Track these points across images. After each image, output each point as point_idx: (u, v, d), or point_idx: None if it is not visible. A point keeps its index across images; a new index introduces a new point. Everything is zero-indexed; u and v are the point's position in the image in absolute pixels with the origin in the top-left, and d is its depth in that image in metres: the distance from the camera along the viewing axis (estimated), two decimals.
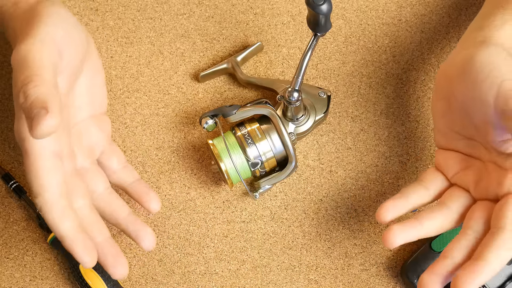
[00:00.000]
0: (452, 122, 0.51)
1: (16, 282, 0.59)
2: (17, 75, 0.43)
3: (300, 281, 0.59)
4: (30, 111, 0.41)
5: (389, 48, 0.65)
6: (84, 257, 0.46)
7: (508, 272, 0.58)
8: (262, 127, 0.57)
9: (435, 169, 0.53)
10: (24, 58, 0.44)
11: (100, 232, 0.50)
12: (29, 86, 0.42)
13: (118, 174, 0.56)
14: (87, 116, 0.54)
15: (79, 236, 0.46)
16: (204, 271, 0.59)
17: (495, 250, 0.44)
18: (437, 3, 0.67)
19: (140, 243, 0.53)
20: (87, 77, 0.52)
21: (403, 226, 0.48)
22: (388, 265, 0.59)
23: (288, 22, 0.66)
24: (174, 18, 0.66)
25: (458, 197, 0.50)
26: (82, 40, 0.51)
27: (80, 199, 0.50)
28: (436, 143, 0.54)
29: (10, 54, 0.65)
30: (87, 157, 0.54)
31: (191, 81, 0.64)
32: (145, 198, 0.55)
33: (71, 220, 0.46)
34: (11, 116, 0.63)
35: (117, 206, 0.54)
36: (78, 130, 0.53)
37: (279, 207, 0.61)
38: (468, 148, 0.51)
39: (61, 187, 0.45)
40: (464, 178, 0.50)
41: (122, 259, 0.50)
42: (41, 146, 0.45)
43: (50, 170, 0.45)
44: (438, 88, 0.52)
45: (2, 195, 0.61)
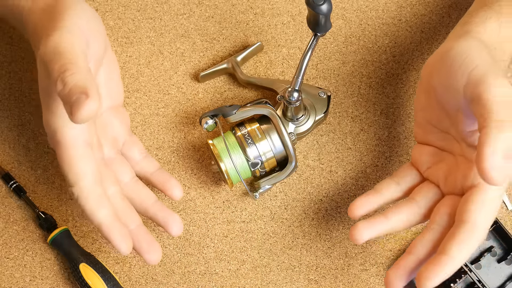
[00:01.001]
0: (430, 114, 0.51)
1: (16, 282, 0.59)
2: (51, 65, 0.44)
3: (300, 281, 0.59)
4: (69, 97, 0.41)
5: (389, 48, 0.65)
6: (121, 244, 0.47)
7: (508, 272, 0.58)
8: (262, 127, 0.57)
9: (410, 164, 0.54)
10: (56, 49, 0.44)
11: (133, 219, 0.51)
12: (66, 73, 0.43)
13: (140, 164, 0.56)
14: (108, 107, 0.55)
15: (115, 224, 0.47)
16: (204, 271, 0.59)
17: (458, 244, 0.44)
18: (437, 3, 0.67)
19: (169, 229, 0.54)
20: (105, 68, 0.53)
21: (369, 222, 0.49)
22: (388, 265, 0.59)
23: (288, 22, 0.66)
24: (174, 18, 0.66)
25: (427, 192, 0.51)
26: (102, 31, 0.52)
27: (111, 186, 0.51)
28: (415, 136, 0.55)
29: (10, 54, 0.65)
30: (112, 147, 0.55)
31: (191, 81, 0.64)
32: (168, 186, 0.56)
33: (107, 208, 0.47)
34: (11, 116, 0.63)
35: (144, 194, 0.55)
36: (102, 121, 0.54)
37: (279, 207, 0.61)
38: (442, 142, 0.51)
39: (96, 175, 0.46)
40: (435, 173, 0.51)
41: (156, 245, 0.51)
42: (73, 136, 0.46)
43: (84, 159, 0.46)
44: (420, 82, 0.53)
45: (2, 195, 0.61)
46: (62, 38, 0.45)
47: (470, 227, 0.44)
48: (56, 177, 0.62)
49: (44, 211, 0.60)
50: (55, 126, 0.46)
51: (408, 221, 0.50)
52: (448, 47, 0.49)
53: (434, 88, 0.50)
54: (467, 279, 0.57)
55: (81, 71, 0.43)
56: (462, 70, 0.46)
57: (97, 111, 0.42)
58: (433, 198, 0.50)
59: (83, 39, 0.47)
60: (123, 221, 0.49)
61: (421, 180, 0.53)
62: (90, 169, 0.46)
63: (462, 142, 0.49)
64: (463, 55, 0.46)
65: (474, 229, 0.44)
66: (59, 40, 0.45)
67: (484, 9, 0.51)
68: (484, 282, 0.56)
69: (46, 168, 0.62)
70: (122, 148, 0.56)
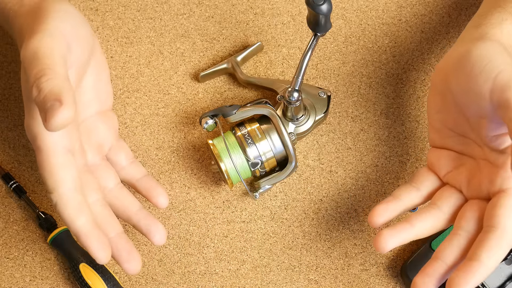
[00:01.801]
0: (446, 118, 0.51)
1: (16, 282, 0.59)
2: (29, 70, 0.43)
3: (300, 281, 0.59)
4: (44, 104, 0.41)
5: (389, 48, 0.65)
6: (99, 253, 0.46)
7: (508, 272, 0.58)
8: (262, 127, 0.57)
9: (427, 168, 0.53)
10: (35, 53, 0.44)
11: (113, 227, 0.50)
12: (42, 79, 0.42)
13: (126, 170, 0.55)
14: (94, 112, 0.54)
15: (94, 232, 0.46)
16: (204, 271, 0.59)
17: (489, 249, 0.43)
18: (437, 3, 0.67)
19: (151, 238, 0.52)
20: (93, 73, 0.52)
21: (393, 230, 0.48)
22: (388, 265, 0.59)
23: (288, 22, 0.66)
24: (174, 18, 0.66)
25: (449, 197, 0.50)
26: (88, 35, 0.51)
27: (93, 194, 0.50)
28: (430, 141, 0.54)
29: (10, 54, 0.65)
30: (96, 153, 0.54)
31: (191, 81, 0.64)
32: (153, 193, 0.55)
33: (87, 215, 0.46)
34: (11, 116, 0.63)
35: (128, 201, 0.54)
36: (87, 126, 0.53)
37: (279, 207, 0.61)
38: (461, 146, 0.50)
39: (76, 182, 0.45)
40: (456, 177, 0.50)
41: (136, 254, 0.50)
42: (53, 142, 0.45)
43: (64, 165, 0.45)
44: (434, 85, 0.52)
45: (2, 195, 0.61)
46: (41, 42, 0.44)
47: (500, 233, 0.44)
48: None
49: (44, 211, 0.60)
50: (35, 131, 0.46)
51: (432, 227, 0.49)
52: (465, 50, 0.48)
53: (452, 92, 0.49)
54: None
55: (57, 77, 0.42)
56: (485, 75, 0.45)
57: (71, 119, 0.41)
58: (455, 202, 0.49)
59: (64, 43, 0.46)
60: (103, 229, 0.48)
61: (440, 185, 0.51)
62: (69, 176, 0.45)
63: (485, 147, 0.48)
64: (485, 59, 0.45)
65: (504, 234, 0.44)
66: (38, 44, 0.44)
67: (498, 10, 0.50)
68: (484, 282, 0.56)
69: None
70: (108, 153, 0.55)
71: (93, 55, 0.52)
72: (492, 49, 0.47)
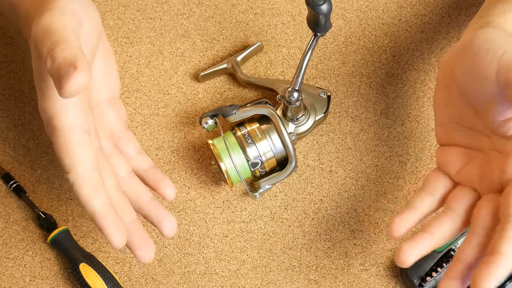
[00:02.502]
0: (453, 112, 0.50)
1: (16, 282, 0.59)
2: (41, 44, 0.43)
3: (300, 281, 0.59)
4: (58, 71, 0.40)
5: (389, 48, 0.65)
6: (115, 235, 0.44)
7: None
8: (262, 127, 0.57)
9: (437, 170, 0.52)
10: (47, 28, 0.43)
11: (128, 213, 0.49)
12: (56, 50, 0.41)
13: (134, 161, 0.54)
14: (105, 99, 0.53)
15: (110, 214, 0.44)
16: (204, 271, 0.59)
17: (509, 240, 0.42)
18: (437, 3, 0.67)
19: (162, 228, 0.51)
20: (101, 58, 0.51)
21: (414, 242, 0.47)
22: (388, 265, 0.59)
23: (288, 22, 0.66)
24: (174, 18, 0.66)
25: (462, 197, 0.49)
26: (96, 16, 0.50)
27: (108, 178, 0.49)
28: (437, 138, 0.53)
29: (10, 54, 0.65)
30: (109, 140, 0.53)
31: (191, 81, 0.64)
32: (161, 185, 0.53)
33: (104, 196, 0.44)
34: (11, 116, 0.63)
35: (140, 190, 0.52)
36: (99, 111, 0.52)
37: (279, 207, 0.61)
38: (469, 139, 0.50)
39: (93, 162, 0.44)
40: (467, 174, 0.49)
41: (150, 242, 0.49)
42: (70, 122, 0.44)
43: (81, 145, 0.44)
44: (439, 80, 0.51)
45: (2, 195, 0.61)
46: (53, 18, 0.44)
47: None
48: (56, 177, 0.62)
49: (44, 211, 0.60)
50: (51, 112, 0.45)
51: (450, 232, 0.48)
52: (468, 38, 0.48)
53: (457, 81, 0.48)
54: None
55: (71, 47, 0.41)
56: (490, 56, 0.45)
57: (86, 84, 0.40)
58: (469, 202, 0.48)
59: (76, 20, 0.45)
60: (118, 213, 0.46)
61: (453, 185, 0.51)
62: (87, 156, 0.44)
63: (493, 135, 0.47)
64: (489, 42, 0.45)
65: None
66: (50, 20, 0.44)
67: (501, 2, 0.50)
68: None
69: (46, 168, 0.62)
70: (117, 143, 0.54)
71: (101, 39, 0.52)
72: (496, 34, 0.47)
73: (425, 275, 0.57)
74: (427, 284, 0.57)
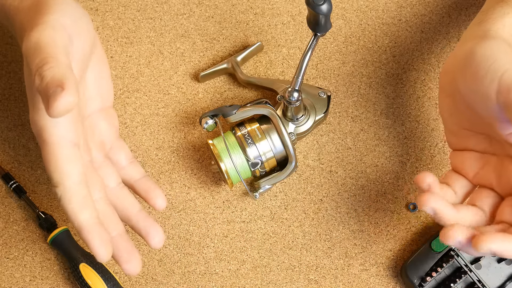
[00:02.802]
0: (461, 119, 0.50)
1: (16, 282, 0.59)
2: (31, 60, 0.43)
3: (300, 281, 0.59)
4: (46, 91, 0.41)
5: (389, 48, 0.65)
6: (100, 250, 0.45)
7: (508, 272, 0.58)
8: (262, 127, 0.57)
9: (452, 171, 0.52)
10: (36, 44, 0.44)
11: (115, 226, 0.49)
12: (44, 68, 0.42)
13: (125, 170, 0.55)
14: (97, 109, 0.53)
15: (96, 228, 0.45)
16: (204, 271, 0.59)
17: None
18: (437, 3, 0.67)
19: (150, 240, 0.51)
20: (94, 69, 0.52)
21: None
22: (388, 265, 0.59)
23: (288, 22, 0.66)
24: (174, 18, 0.66)
25: (487, 196, 0.49)
26: (89, 29, 0.50)
27: (97, 191, 0.49)
28: (449, 144, 0.53)
29: (10, 54, 0.65)
30: (99, 150, 0.53)
31: (191, 81, 0.64)
32: (151, 195, 0.54)
33: (91, 211, 0.45)
34: (11, 116, 0.63)
35: (128, 202, 0.53)
36: (90, 123, 0.53)
37: (279, 207, 0.61)
38: (482, 144, 0.50)
39: (82, 176, 0.45)
40: (485, 176, 0.50)
41: (136, 255, 0.49)
42: (60, 136, 0.45)
43: (70, 159, 0.44)
44: (442, 87, 0.51)
45: (2, 195, 0.61)
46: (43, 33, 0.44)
47: None
48: None
49: (44, 211, 0.60)
50: (41, 124, 0.45)
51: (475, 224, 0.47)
52: (469, 50, 0.48)
53: (461, 92, 0.48)
54: (467, 279, 0.57)
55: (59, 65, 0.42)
56: (490, 76, 0.45)
57: (74, 105, 0.40)
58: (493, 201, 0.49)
59: (66, 35, 0.46)
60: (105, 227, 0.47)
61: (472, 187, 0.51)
62: (75, 170, 0.44)
63: (504, 142, 0.48)
64: (489, 60, 0.45)
65: None
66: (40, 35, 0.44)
67: (500, 5, 0.50)
68: (484, 282, 0.56)
69: None
70: (108, 152, 0.54)
71: (94, 51, 0.52)
72: (496, 48, 0.46)
73: (425, 275, 0.57)
74: (427, 284, 0.57)
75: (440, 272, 0.57)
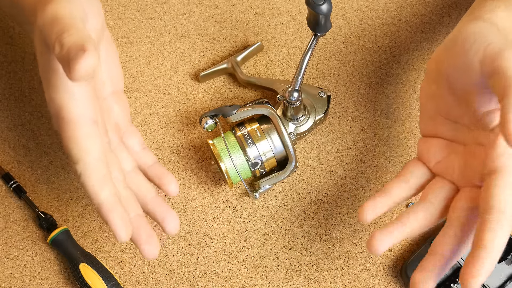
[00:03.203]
0: (440, 104, 0.50)
1: (16, 282, 0.59)
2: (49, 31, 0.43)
3: (300, 281, 0.59)
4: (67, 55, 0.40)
5: (389, 48, 0.65)
6: (120, 229, 0.44)
7: (508, 272, 0.58)
8: (262, 127, 0.57)
9: (416, 160, 0.52)
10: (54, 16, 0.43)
11: (134, 208, 0.49)
12: (64, 35, 0.41)
13: (138, 156, 0.54)
14: (110, 91, 0.53)
15: (117, 207, 0.44)
16: (204, 271, 0.60)
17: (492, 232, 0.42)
18: (437, 3, 0.67)
19: (165, 226, 0.51)
20: (104, 52, 0.51)
21: (385, 230, 0.47)
22: (388, 265, 0.59)
23: (288, 22, 0.66)
24: (174, 18, 0.66)
25: (440, 190, 0.49)
26: (100, 10, 0.50)
27: (116, 172, 0.49)
28: (421, 129, 0.53)
29: (10, 54, 0.65)
30: (115, 133, 0.52)
31: (191, 81, 0.64)
32: (165, 181, 0.53)
33: (111, 189, 0.44)
34: (11, 116, 0.63)
35: (144, 187, 0.52)
36: (106, 105, 0.52)
37: (279, 207, 0.61)
38: (453, 132, 0.50)
39: (102, 153, 0.44)
40: (446, 166, 0.50)
41: (155, 238, 0.48)
42: (79, 113, 0.44)
43: (90, 135, 0.44)
44: (427, 74, 0.52)
45: (2, 195, 0.61)
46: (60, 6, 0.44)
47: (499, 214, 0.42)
48: (56, 177, 0.62)
49: (44, 211, 0.60)
50: (59, 102, 0.44)
51: (425, 224, 0.48)
52: (456, 30, 0.48)
53: (444, 73, 0.49)
54: None
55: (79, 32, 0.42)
56: (476, 47, 0.45)
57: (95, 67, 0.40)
58: (447, 195, 0.49)
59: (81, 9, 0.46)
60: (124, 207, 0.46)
61: (431, 176, 0.51)
62: (96, 146, 0.44)
63: (476, 129, 0.48)
64: (476, 34, 0.46)
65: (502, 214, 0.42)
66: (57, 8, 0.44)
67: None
68: (484, 282, 0.56)
69: (46, 168, 0.62)
70: (122, 137, 0.54)
71: (104, 32, 0.52)
72: (484, 27, 0.47)
73: None
74: None
75: None
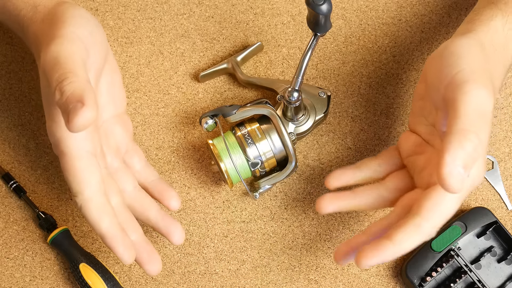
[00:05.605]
0: (424, 105, 0.52)
1: (16, 282, 0.59)
2: (51, 74, 0.44)
3: (300, 281, 0.59)
4: (66, 106, 0.42)
5: (389, 48, 0.65)
6: (124, 255, 0.47)
7: (508, 272, 0.58)
8: (262, 127, 0.57)
9: (395, 148, 0.54)
10: (56, 58, 0.45)
11: (134, 229, 0.51)
12: (64, 83, 0.43)
13: (140, 173, 0.56)
14: (111, 115, 0.54)
15: (119, 234, 0.47)
16: (204, 271, 0.60)
17: (403, 233, 0.45)
18: (437, 3, 0.67)
19: (171, 238, 0.53)
20: (107, 77, 0.53)
21: (336, 195, 0.50)
22: (388, 265, 0.59)
23: (288, 22, 0.66)
24: (174, 18, 0.66)
25: (400, 180, 0.51)
26: (103, 39, 0.52)
27: (114, 197, 0.51)
28: (408, 123, 0.55)
29: (10, 54, 0.65)
30: (115, 156, 0.54)
31: (191, 81, 0.64)
32: (166, 196, 0.55)
33: (111, 218, 0.47)
34: (11, 116, 0.63)
35: (147, 203, 0.54)
36: (105, 129, 0.54)
37: (279, 207, 0.61)
38: (428, 134, 0.52)
39: (100, 184, 0.47)
40: (414, 163, 0.52)
41: (156, 255, 0.51)
42: (77, 146, 0.46)
43: (88, 169, 0.46)
44: (422, 73, 0.53)
45: (2, 195, 0.61)
46: (61, 47, 0.45)
47: (418, 221, 0.45)
48: (56, 177, 0.62)
49: (44, 211, 0.60)
50: (58, 135, 0.46)
51: (374, 202, 0.51)
52: (447, 43, 0.49)
53: (428, 79, 0.50)
54: (467, 279, 0.57)
55: (79, 80, 0.43)
56: (448, 71, 0.46)
57: (93, 120, 0.41)
58: (403, 187, 0.51)
59: (83, 48, 0.47)
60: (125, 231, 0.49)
61: (400, 166, 0.53)
62: (94, 179, 0.46)
63: None
64: (455, 55, 0.47)
65: (422, 224, 0.45)
66: (59, 49, 0.45)
67: (490, 7, 0.51)
68: (484, 282, 0.56)
69: (46, 168, 0.62)
70: (124, 156, 0.55)
71: (107, 60, 0.52)
72: (467, 46, 0.48)
73: (425, 275, 0.57)
74: (427, 284, 0.57)
75: (440, 272, 0.57)
